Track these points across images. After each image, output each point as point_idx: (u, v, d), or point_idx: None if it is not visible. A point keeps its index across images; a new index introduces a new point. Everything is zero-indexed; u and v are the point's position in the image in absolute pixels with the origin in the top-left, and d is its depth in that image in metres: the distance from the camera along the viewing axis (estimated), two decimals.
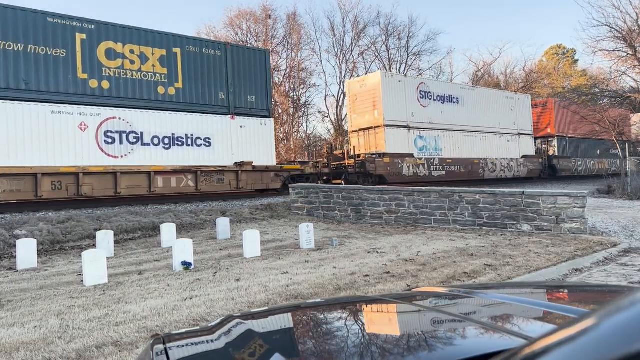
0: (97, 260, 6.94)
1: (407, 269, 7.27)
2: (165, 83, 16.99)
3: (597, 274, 7.36)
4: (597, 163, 37.86)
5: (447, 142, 26.54)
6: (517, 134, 31.17)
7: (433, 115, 25.81)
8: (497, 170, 28.94)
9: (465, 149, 27.42)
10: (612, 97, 29.10)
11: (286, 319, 1.82)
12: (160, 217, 13.05)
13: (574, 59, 59.95)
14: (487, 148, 28.78)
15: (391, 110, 23.87)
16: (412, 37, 48.76)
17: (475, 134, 28.22)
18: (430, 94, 26.04)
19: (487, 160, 28.52)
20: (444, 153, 26.20)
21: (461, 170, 26.71)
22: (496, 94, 31.12)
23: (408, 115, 24.57)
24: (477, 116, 28.25)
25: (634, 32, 26.47)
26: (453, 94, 27.35)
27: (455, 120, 26.89)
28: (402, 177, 23.41)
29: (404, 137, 24.41)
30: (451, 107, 26.98)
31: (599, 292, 2.04)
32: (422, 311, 1.76)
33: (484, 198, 11.90)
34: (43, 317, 5.22)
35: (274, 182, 19.22)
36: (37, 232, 10.89)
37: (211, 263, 8.26)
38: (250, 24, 44.72)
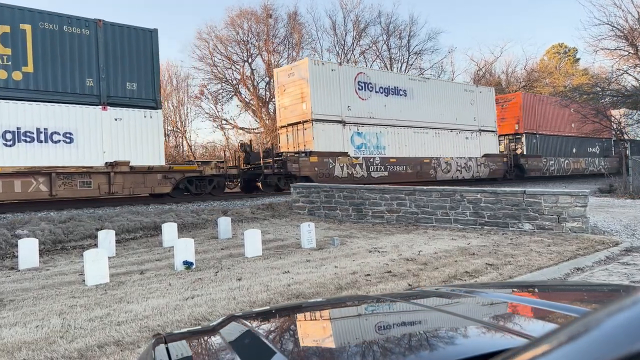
0: (98, 260, 6.95)
1: (409, 268, 7.27)
2: (9, 66, 13.96)
3: (599, 273, 7.35)
4: (573, 162, 35.63)
5: (392, 139, 23.82)
6: (478, 130, 28.54)
7: (374, 109, 23.17)
8: (452, 171, 26.42)
9: (414, 147, 24.80)
10: (613, 96, 29.04)
11: (288, 319, 1.82)
12: (162, 217, 13.06)
13: (576, 57, 59.87)
14: (441, 146, 26.19)
15: (321, 103, 21.14)
16: (413, 36, 48.71)
17: (427, 131, 25.54)
18: (371, 85, 23.25)
19: (440, 159, 25.91)
20: (388, 151, 23.47)
21: (408, 170, 24.07)
22: (452, 87, 28.25)
23: (343, 109, 21.92)
24: (429, 111, 25.62)
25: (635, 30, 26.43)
26: (400, 86, 24.56)
27: (402, 115, 24.24)
28: (333, 178, 20.84)
29: (338, 133, 21.71)
30: (397, 101, 24.24)
31: (600, 291, 2.03)
32: (423, 310, 1.76)
33: (485, 197, 11.89)
34: (45, 317, 5.22)
35: (162, 185, 16.31)
36: (38, 231, 10.91)
37: (212, 262, 8.26)
38: (252, 23, 44.69)
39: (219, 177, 18.13)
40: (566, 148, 35.18)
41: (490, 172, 28.58)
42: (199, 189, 17.53)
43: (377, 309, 1.88)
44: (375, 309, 1.90)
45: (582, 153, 36.79)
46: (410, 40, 48.32)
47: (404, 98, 24.56)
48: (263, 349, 1.33)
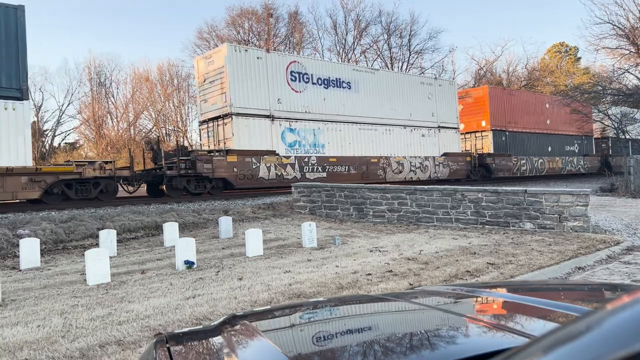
0: (100, 260, 6.95)
1: (410, 267, 7.27)
2: None
3: (600, 272, 7.35)
4: (548, 162, 33.08)
5: (333, 136, 21.40)
6: (437, 127, 26.25)
7: (311, 102, 20.65)
8: (405, 171, 24.06)
9: (360, 145, 22.38)
10: (614, 95, 28.99)
11: (289, 318, 1.83)
12: (163, 216, 13.07)
13: (577, 56, 59.85)
14: (393, 144, 23.83)
15: (244, 95, 18.70)
16: (414, 35, 48.81)
17: (376, 127, 23.13)
18: (306, 75, 20.67)
19: (391, 159, 23.47)
20: (327, 150, 21.04)
21: (351, 171, 21.64)
22: (406, 79, 25.66)
23: (272, 102, 19.40)
24: (378, 105, 23.36)
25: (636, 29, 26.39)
26: (343, 78, 22.07)
27: (345, 110, 21.92)
28: (258, 180, 18.57)
29: (265, 129, 19.20)
30: (340, 94, 21.79)
31: (602, 290, 2.03)
32: (424, 310, 1.76)
33: (487, 196, 11.88)
34: (46, 316, 5.23)
35: (29, 190, 13.89)
36: (40, 231, 10.92)
37: (214, 262, 8.27)
38: (252, 22, 44.74)
39: (107, 180, 15.82)
40: (541, 146, 32.93)
41: (450, 173, 26.36)
42: (81, 194, 15.24)
43: (378, 309, 1.88)
44: (377, 308, 1.90)
45: (559, 152, 34.67)
46: (411, 40, 48.42)
47: (347, 91, 22.16)
48: (264, 349, 1.33)
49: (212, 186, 17.92)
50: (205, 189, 17.78)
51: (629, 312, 0.60)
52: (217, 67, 19.00)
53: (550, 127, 33.54)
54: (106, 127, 46.00)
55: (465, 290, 1.97)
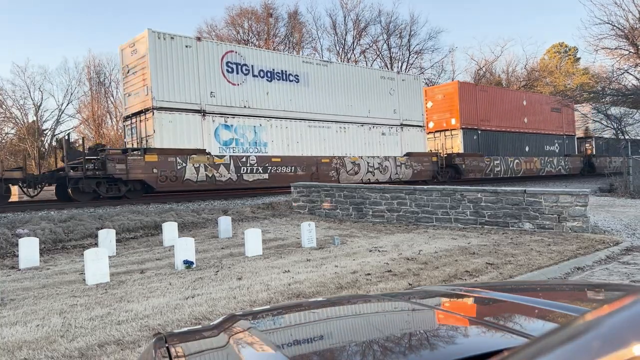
0: (99, 259, 6.95)
1: (409, 267, 7.27)
2: None
3: (599, 272, 7.35)
4: (525, 162, 31.23)
5: (277, 134, 19.53)
6: (400, 125, 24.33)
7: (251, 96, 18.80)
8: (361, 172, 22.19)
9: (310, 144, 20.48)
10: (614, 95, 29.00)
11: (288, 318, 1.83)
12: (162, 216, 13.06)
13: (576, 57, 59.88)
14: (348, 143, 21.99)
15: (168, 87, 16.81)
16: (414, 35, 48.90)
17: (328, 125, 21.23)
18: (246, 67, 18.75)
19: (345, 159, 21.61)
20: (270, 149, 19.18)
21: (298, 172, 19.64)
22: (364, 73, 23.72)
23: (204, 96, 17.55)
24: (331, 101, 21.44)
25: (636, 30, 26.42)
26: (290, 70, 20.14)
27: (292, 105, 20.03)
28: (184, 183, 16.71)
29: (195, 126, 17.35)
30: (286, 87, 19.92)
31: (600, 290, 2.03)
32: (423, 310, 1.76)
33: (486, 196, 11.88)
34: (45, 316, 5.23)
35: None
36: (39, 230, 10.92)
37: (213, 262, 8.27)
38: (252, 22, 44.74)
39: None
40: (517, 146, 31.09)
41: (414, 174, 24.46)
42: None
43: (377, 309, 1.88)
44: (376, 308, 1.90)
45: (538, 152, 32.70)
46: (410, 40, 48.48)
47: (295, 85, 20.22)
48: (263, 349, 1.33)
49: (128, 189, 16.10)
50: (119, 192, 15.94)
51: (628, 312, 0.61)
52: (140, 57, 17.10)
53: (527, 125, 31.92)
54: (105, 126, 45.98)
55: (464, 291, 1.97)
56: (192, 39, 17.76)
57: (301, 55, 21.03)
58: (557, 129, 34.07)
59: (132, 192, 16.26)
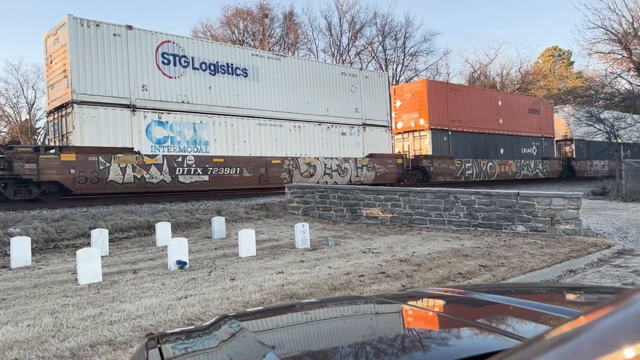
0: (91, 259, 6.91)
1: (402, 269, 7.28)
2: None
3: (591, 275, 7.39)
4: (499, 165, 29.79)
5: (221, 132, 17.99)
6: (362, 124, 22.84)
7: (191, 91, 17.32)
8: (317, 174, 20.61)
9: (259, 143, 19.00)
10: (607, 99, 29.21)
11: (281, 319, 1.82)
12: (156, 216, 13.02)
13: (570, 60, 60.24)
14: (303, 143, 20.46)
15: (92, 80, 15.27)
16: (409, 37, 48.98)
17: (281, 123, 19.76)
18: (185, 59, 17.30)
19: (300, 160, 20.10)
20: (212, 148, 17.66)
21: (244, 173, 18.20)
22: (323, 69, 22.03)
23: (134, 89, 16.03)
24: (285, 97, 19.95)
25: (629, 34, 26.63)
26: (237, 63, 18.60)
27: (239, 102, 18.52)
28: (108, 185, 15.11)
29: (124, 122, 15.77)
30: (232, 82, 18.39)
31: (593, 293, 2.04)
32: (416, 311, 1.76)
33: (480, 199, 11.93)
34: (37, 316, 5.19)
35: None
36: (31, 230, 10.85)
37: (206, 262, 8.24)
38: (247, 23, 44.73)
39: None
40: (491, 148, 29.67)
41: (377, 177, 22.91)
42: None
43: (370, 310, 1.88)
44: (369, 309, 1.90)
45: (514, 154, 31.37)
46: (405, 42, 48.58)
47: (243, 79, 18.72)
48: (256, 349, 1.33)
49: (41, 191, 14.49)
50: (30, 195, 14.37)
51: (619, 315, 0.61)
52: (61, 45, 15.57)
53: (503, 127, 30.56)
54: None
55: (457, 293, 1.98)
56: (122, 27, 16.11)
57: (250, 48, 19.21)
58: (535, 130, 32.93)
59: (46, 194, 14.71)
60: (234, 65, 18.52)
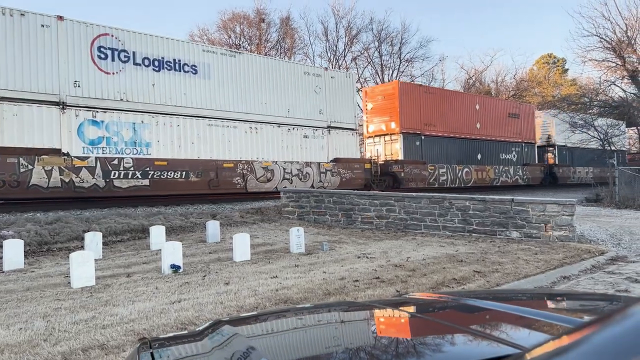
0: (85, 262, 6.87)
1: (397, 274, 7.28)
2: None
3: (585, 281, 7.41)
4: (476, 171, 28.71)
5: (165, 133, 16.63)
6: (327, 127, 21.56)
7: (131, 88, 16.00)
8: (275, 179, 19.43)
9: (209, 145, 17.71)
10: (601, 107, 29.40)
11: (275, 324, 1.81)
12: (150, 220, 12.97)
13: (564, 68, 60.63)
14: (260, 146, 19.17)
15: (14, 74, 13.99)
16: (405, 43, 49.17)
17: (235, 124, 18.45)
18: (125, 53, 15.95)
19: (255, 164, 18.80)
20: (155, 150, 16.30)
21: (191, 178, 16.91)
22: (284, 67, 20.70)
23: (65, 85, 14.71)
24: (240, 97, 18.66)
25: (623, 42, 26.84)
26: (185, 59, 17.39)
27: (188, 100, 17.27)
28: (30, 189, 13.79)
29: (51, 121, 14.45)
30: (179, 79, 17.14)
31: (586, 300, 2.05)
32: (410, 317, 1.76)
33: (474, 205, 11.96)
34: (28, 319, 5.15)
35: None
36: (24, 232, 10.78)
37: (200, 266, 8.21)
38: (244, 27, 44.77)
39: None
40: (467, 153, 28.54)
41: (342, 182, 21.70)
42: None
43: (364, 316, 1.88)
44: (363, 315, 1.89)
45: (492, 160, 30.20)
46: (401, 48, 48.73)
47: (192, 76, 17.51)
48: (249, 355, 1.32)
49: None
50: None
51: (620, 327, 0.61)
52: None
53: (480, 131, 29.45)
54: None
55: (452, 298, 1.98)
56: (52, 17, 14.73)
57: (202, 44, 17.72)
58: (514, 136, 31.96)
59: None
60: (182, 62, 17.33)
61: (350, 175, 22.17)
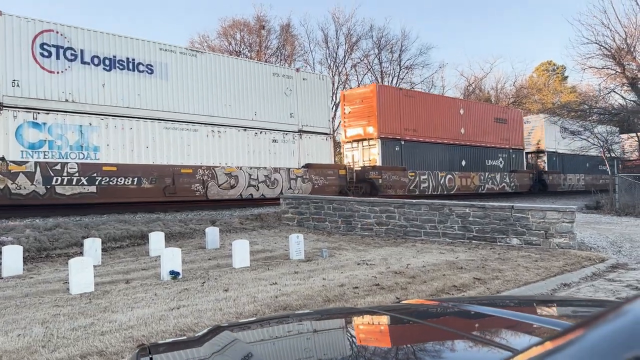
0: (83, 268, 6.86)
1: (397, 281, 7.26)
2: None
3: (585, 289, 7.40)
4: (460, 178, 27.61)
5: (117, 136, 15.46)
6: (298, 131, 20.47)
7: (79, 88, 14.83)
8: (239, 186, 18.17)
9: (166, 149, 16.54)
10: (600, 114, 29.46)
11: (274, 330, 1.81)
12: (149, 226, 12.96)
13: (564, 75, 60.81)
14: (224, 150, 18.05)
15: None
16: (405, 50, 49.28)
17: (195, 127, 17.30)
18: (72, 51, 14.75)
19: (217, 169, 17.60)
20: (104, 155, 15.11)
21: (144, 184, 15.70)
22: (250, 68, 19.49)
23: (2, 85, 13.78)
24: (201, 98, 17.58)
25: (622, 50, 26.93)
26: (140, 58, 16.22)
27: (142, 102, 16.12)
28: None
29: None
30: (133, 79, 15.99)
31: (586, 306, 2.04)
32: (410, 324, 1.75)
33: (474, 211, 11.95)
34: (27, 326, 5.14)
35: None
36: (23, 238, 10.76)
37: (199, 273, 8.20)
38: (244, 34, 44.93)
39: None
40: (451, 160, 27.51)
41: (314, 189, 20.42)
42: None
43: (364, 322, 1.87)
44: (363, 322, 1.89)
45: (477, 166, 29.01)
46: (401, 55, 48.86)
47: (148, 76, 16.36)
48: None
49: None
50: None
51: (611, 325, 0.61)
52: None
53: (465, 137, 28.36)
54: None
55: (452, 305, 1.97)
56: None
57: (158, 42, 16.69)
58: (502, 141, 30.87)
59: None
60: (136, 61, 16.11)
61: (323, 181, 21.00)
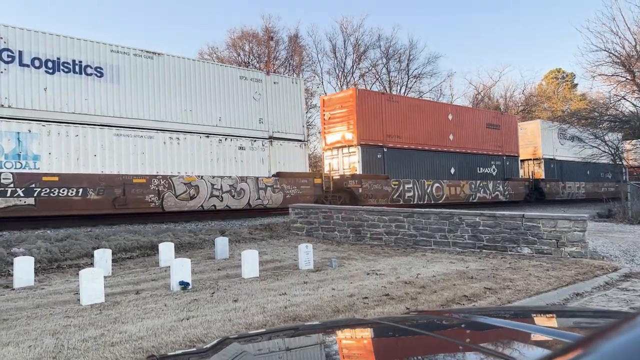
0: (94, 279, 6.89)
1: (407, 291, 7.21)
2: None
3: (598, 298, 7.30)
4: (448, 186, 26.42)
5: (60, 144, 14.36)
6: (268, 138, 19.34)
7: (16, 92, 13.80)
8: (200, 196, 17.05)
9: (117, 158, 15.40)
10: (611, 121, 29.22)
11: (283, 342, 1.80)
12: (159, 236, 13.01)
13: (573, 83, 60.55)
14: (184, 158, 16.92)
15: None
16: (413, 59, 49.37)
17: (151, 134, 16.19)
18: (9, 53, 13.81)
19: (174, 179, 16.43)
20: (45, 164, 14.00)
21: (90, 196, 14.55)
22: (214, 71, 18.42)
23: None
24: (158, 103, 16.47)
25: (632, 57, 26.75)
26: (88, 60, 15.17)
27: (90, 107, 15.02)
28: None
29: None
30: (80, 83, 14.91)
31: (600, 317, 2.01)
32: (420, 335, 1.74)
33: (484, 220, 11.87)
34: (38, 337, 5.16)
35: None
36: (35, 250, 10.85)
37: (209, 283, 8.20)
38: (253, 45, 45.25)
39: None
40: (439, 168, 26.28)
41: (286, 199, 19.23)
42: None
43: (374, 334, 1.86)
44: (372, 333, 1.87)
45: (468, 174, 27.81)
46: (409, 64, 48.95)
47: (97, 80, 15.27)
48: None
49: None
50: None
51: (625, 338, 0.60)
52: None
53: (454, 143, 27.17)
54: None
55: (462, 316, 1.95)
56: None
57: (109, 43, 15.72)
58: (495, 148, 29.58)
59: None
60: (83, 63, 15.05)
61: (296, 191, 19.73)
